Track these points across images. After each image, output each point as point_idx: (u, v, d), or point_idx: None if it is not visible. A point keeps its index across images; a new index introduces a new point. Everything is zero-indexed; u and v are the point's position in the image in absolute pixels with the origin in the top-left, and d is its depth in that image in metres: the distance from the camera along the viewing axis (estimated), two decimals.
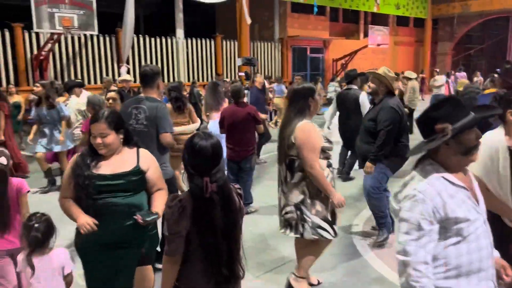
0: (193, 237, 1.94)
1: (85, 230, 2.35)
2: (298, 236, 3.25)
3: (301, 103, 3.18)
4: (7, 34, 13.04)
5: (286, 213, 3.24)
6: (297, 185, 3.17)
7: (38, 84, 6.28)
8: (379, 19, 22.93)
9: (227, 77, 16.36)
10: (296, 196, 3.18)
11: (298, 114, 3.17)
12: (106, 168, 2.46)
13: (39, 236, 2.46)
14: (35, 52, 13.26)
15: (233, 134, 5.15)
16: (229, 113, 5.21)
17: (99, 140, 2.43)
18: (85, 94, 6.45)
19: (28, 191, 2.94)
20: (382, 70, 4.15)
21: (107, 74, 15.02)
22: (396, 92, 4.93)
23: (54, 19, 11.51)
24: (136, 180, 2.51)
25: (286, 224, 3.28)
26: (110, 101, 4.44)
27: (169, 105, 5.08)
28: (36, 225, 2.47)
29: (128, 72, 13.16)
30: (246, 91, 6.89)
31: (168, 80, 16.32)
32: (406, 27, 25.73)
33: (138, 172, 2.52)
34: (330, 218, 3.19)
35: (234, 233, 2.04)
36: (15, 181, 2.86)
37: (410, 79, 10.90)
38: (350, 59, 21.03)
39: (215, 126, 5.58)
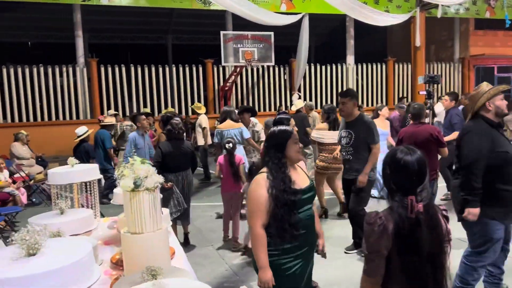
0: (394, 258, 1.80)
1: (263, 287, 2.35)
2: None
3: None
4: (200, 69, 15.19)
5: None
6: None
7: None
8: None
9: (399, 101, 15.70)
10: None
11: None
12: (298, 182, 2.47)
13: None
14: (221, 84, 15.07)
15: None
16: (408, 133, 4.93)
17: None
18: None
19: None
20: None
21: (280, 101, 16.04)
22: None
23: (238, 54, 12.91)
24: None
25: None
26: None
27: None
28: None
29: (299, 98, 13.74)
30: (427, 111, 6.47)
31: (336, 105, 16.50)
32: None
33: (313, 185, 2.62)
34: None
35: (440, 258, 1.84)
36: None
37: None
38: None
39: None
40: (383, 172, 1.91)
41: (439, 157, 4.94)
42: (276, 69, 15.96)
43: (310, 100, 16.23)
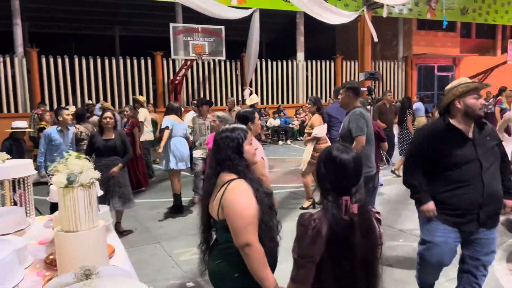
0: (326, 264, 1.70)
1: None
2: None
3: None
4: (149, 62, 14.82)
5: None
6: None
7: None
8: None
9: None
10: None
11: None
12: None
13: None
14: (171, 77, 14.78)
15: None
16: None
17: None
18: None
19: None
20: None
21: (232, 96, 16.01)
22: None
23: (189, 47, 12.70)
24: None
25: None
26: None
27: None
28: None
29: (251, 93, 13.78)
30: (369, 107, 6.65)
31: (287, 101, 16.77)
32: None
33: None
34: None
35: (373, 264, 1.76)
36: None
37: None
38: (485, 77, 19.12)
39: None
40: (318, 171, 1.82)
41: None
42: (228, 63, 15.89)
43: (261, 95, 16.35)
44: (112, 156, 5.10)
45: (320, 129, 6.01)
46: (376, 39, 13.43)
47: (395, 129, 8.52)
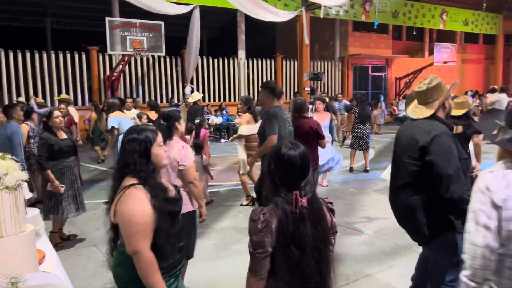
0: (278, 255, 1.79)
1: None
2: None
3: None
4: (84, 57, 14.14)
5: None
6: None
7: None
8: (445, 36, 22.06)
9: (294, 95, 16.50)
10: None
11: None
12: (171, 189, 2.26)
13: None
14: (108, 73, 14.22)
15: None
16: (292, 126, 5.19)
17: None
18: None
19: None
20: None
21: (172, 93, 15.73)
22: None
23: (126, 42, 12.28)
24: None
25: None
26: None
27: None
28: None
29: (192, 91, 13.63)
30: (310, 106, 6.85)
31: (229, 99, 16.78)
32: (475, 44, 24.49)
33: (179, 191, 2.44)
34: None
35: (325, 252, 1.86)
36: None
37: None
38: (414, 78, 20.36)
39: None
40: (268, 168, 1.89)
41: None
42: (168, 59, 15.59)
43: (203, 93, 16.23)
44: (71, 156, 4.82)
45: (247, 128, 6.17)
46: (307, 42, 13.81)
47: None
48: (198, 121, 6.63)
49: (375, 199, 6.55)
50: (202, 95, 9.50)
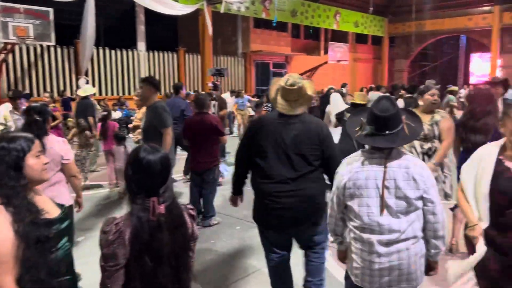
0: (132, 265, 1.68)
1: None
2: None
3: None
4: None
5: None
6: None
7: None
8: (339, 36, 23.60)
9: (189, 90, 16.32)
10: None
11: None
12: (48, 209, 1.93)
13: None
14: None
15: (196, 144, 5.07)
16: (193, 123, 5.14)
17: None
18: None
19: None
20: None
21: (64, 86, 14.59)
22: None
23: (8, 29, 11.07)
24: None
25: None
26: None
27: None
28: None
29: (87, 83, 12.78)
30: (213, 102, 6.85)
31: (129, 93, 16.06)
32: (364, 45, 26.62)
33: (67, 211, 2.13)
34: None
35: (184, 260, 1.78)
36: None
37: None
38: (312, 75, 21.47)
39: None
40: (125, 173, 1.76)
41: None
42: (59, 49, 14.39)
43: (99, 86, 15.31)
44: None
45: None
46: (210, 32, 13.77)
47: None
48: (105, 113, 7.11)
49: None
50: (95, 89, 8.91)
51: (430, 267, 2.25)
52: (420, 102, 4.05)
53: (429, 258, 2.21)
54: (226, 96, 13.26)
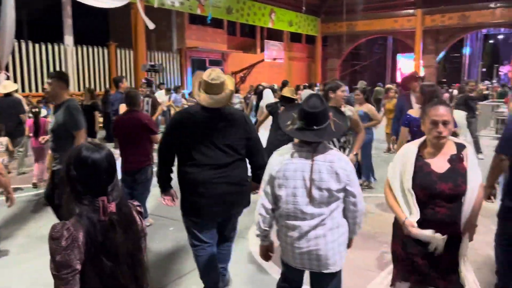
0: (88, 268, 1.62)
1: None
2: None
3: None
4: None
5: None
6: None
7: None
8: (274, 35, 23.96)
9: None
10: None
11: None
12: None
13: None
14: None
15: (127, 144, 4.86)
16: (122, 121, 4.92)
17: None
18: None
19: None
20: None
21: None
22: None
23: None
24: None
25: None
26: None
27: None
28: None
29: (8, 79, 11.84)
30: (147, 99, 6.61)
31: None
32: (299, 44, 27.26)
33: None
34: None
35: (139, 257, 1.76)
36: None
37: None
38: (248, 72, 21.59)
39: None
40: (67, 174, 1.68)
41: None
42: None
43: (22, 82, 14.27)
44: None
45: None
46: (151, 27, 13.39)
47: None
48: (36, 109, 6.92)
49: None
50: (17, 85, 8.28)
51: (349, 244, 2.54)
52: (332, 96, 4.25)
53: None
54: (161, 94, 12.94)
